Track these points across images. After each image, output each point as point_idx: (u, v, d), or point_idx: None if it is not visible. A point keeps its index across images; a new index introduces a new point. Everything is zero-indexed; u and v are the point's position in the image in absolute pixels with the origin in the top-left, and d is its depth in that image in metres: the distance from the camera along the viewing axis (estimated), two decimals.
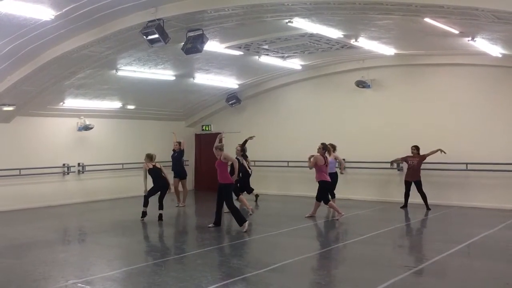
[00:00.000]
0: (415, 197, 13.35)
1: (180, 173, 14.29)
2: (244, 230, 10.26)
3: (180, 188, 14.50)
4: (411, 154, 13.35)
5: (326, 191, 11.86)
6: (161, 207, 11.90)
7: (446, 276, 7.12)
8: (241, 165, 13.62)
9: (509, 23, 8.41)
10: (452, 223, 11.63)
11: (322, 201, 11.82)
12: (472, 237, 9.54)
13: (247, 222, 10.47)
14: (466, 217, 12.45)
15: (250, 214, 12.30)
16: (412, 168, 13.24)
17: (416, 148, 13.31)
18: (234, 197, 11.85)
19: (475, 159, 13.40)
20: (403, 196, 13.46)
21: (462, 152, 13.54)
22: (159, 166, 11.97)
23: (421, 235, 10.90)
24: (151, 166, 11.87)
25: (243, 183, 14.04)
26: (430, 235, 10.86)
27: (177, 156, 14.35)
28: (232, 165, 11.16)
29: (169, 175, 12.79)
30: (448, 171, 13.67)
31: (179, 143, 14.53)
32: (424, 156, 13.21)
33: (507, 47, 11.52)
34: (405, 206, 13.41)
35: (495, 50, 11.84)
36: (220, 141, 11.17)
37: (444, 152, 12.95)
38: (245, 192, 14.22)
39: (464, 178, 13.71)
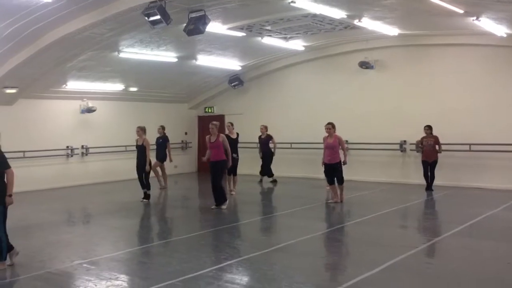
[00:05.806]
0: (420, 178, 13.37)
1: (162, 157, 14.39)
2: (225, 207, 10.77)
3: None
4: (424, 135, 13.07)
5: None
6: (148, 186, 12.01)
7: (447, 256, 7.16)
8: (266, 146, 15.07)
9: None
10: (454, 204, 11.65)
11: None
12: (475, 217, 9.56)
13: (227, 201, 10.99)
14: (469, 197, 12.47)
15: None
16: (428, 148, 13.02)
17: (429, 128, 13.03)
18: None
19: (479, 139, 13.35)
20: (423, 177, 13.19)
21: (466, 133, 13.49)
22: (145, 144, 11.96)
23: (424, 215, 10.94)
24: (140, 143, 11.92)
25: (265, 165, 15.09)
26: (433, 216, 10.93)
27: (162, 141, 14.42)
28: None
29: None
30: (451, 151, 13.63)
31: (162, 127, 14.62)
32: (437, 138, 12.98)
33: None
34: (429, 188, 13.07)
35: (500, 30, 11.72)
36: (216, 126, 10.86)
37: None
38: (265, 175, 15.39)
39: (468, 158, 13.68)
